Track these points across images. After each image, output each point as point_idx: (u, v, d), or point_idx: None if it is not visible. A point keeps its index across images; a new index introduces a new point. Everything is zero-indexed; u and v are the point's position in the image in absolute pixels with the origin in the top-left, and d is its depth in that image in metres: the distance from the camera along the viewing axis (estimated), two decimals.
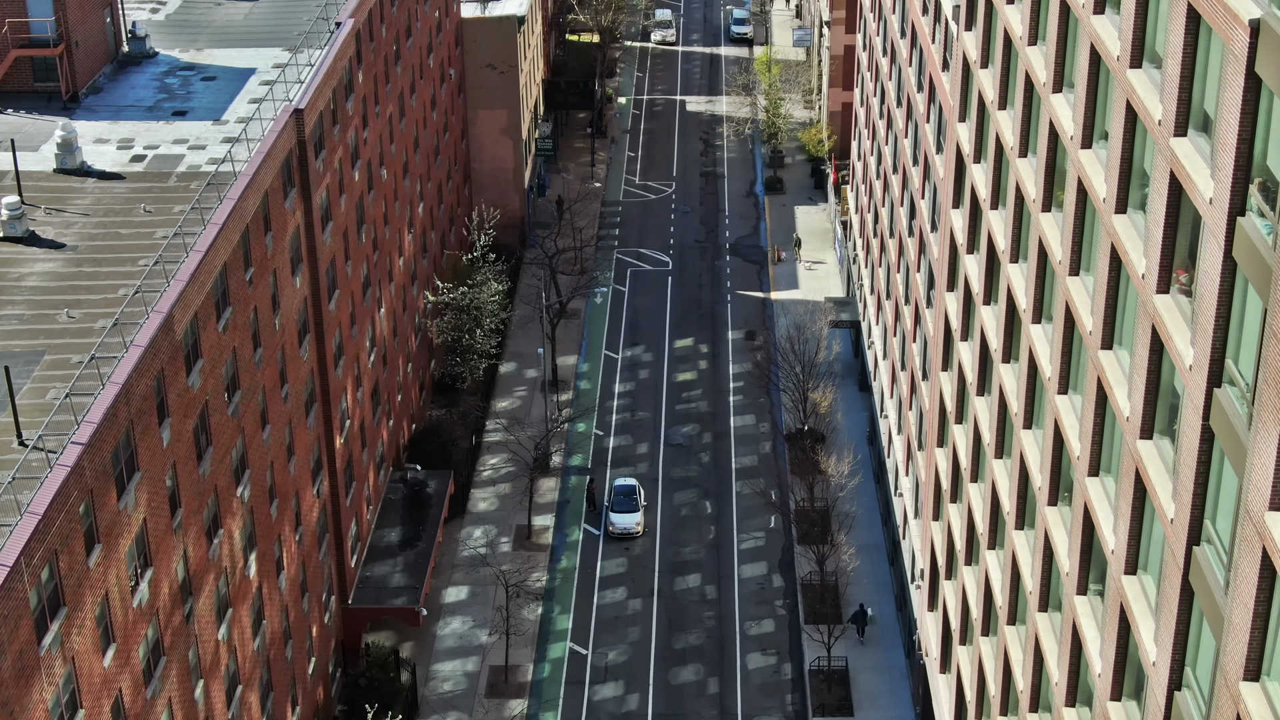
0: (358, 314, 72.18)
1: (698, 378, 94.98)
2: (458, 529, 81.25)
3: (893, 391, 77.97)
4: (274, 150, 59.22)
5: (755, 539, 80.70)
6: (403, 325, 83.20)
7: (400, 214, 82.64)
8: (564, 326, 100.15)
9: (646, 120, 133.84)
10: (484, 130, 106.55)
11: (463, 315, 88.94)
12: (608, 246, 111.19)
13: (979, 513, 53.95)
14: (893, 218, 78.47)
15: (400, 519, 76.46)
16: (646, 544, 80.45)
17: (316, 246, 64.68)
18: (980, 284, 53.49)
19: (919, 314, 69.16)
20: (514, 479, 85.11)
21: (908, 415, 71.55)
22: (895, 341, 76.53)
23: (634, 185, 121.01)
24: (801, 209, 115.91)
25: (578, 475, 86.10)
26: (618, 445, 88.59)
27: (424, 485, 78.84)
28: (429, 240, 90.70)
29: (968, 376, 55.92)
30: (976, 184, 54.15)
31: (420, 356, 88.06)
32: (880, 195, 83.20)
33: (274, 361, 59.48)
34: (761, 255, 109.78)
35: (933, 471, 64.24)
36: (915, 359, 69.38)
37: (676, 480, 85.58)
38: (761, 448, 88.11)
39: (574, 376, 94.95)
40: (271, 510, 59.43)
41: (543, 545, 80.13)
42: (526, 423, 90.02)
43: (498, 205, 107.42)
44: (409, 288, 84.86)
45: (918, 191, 69.08)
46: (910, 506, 70.91)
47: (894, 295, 76.92)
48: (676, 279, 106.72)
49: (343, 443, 69.22)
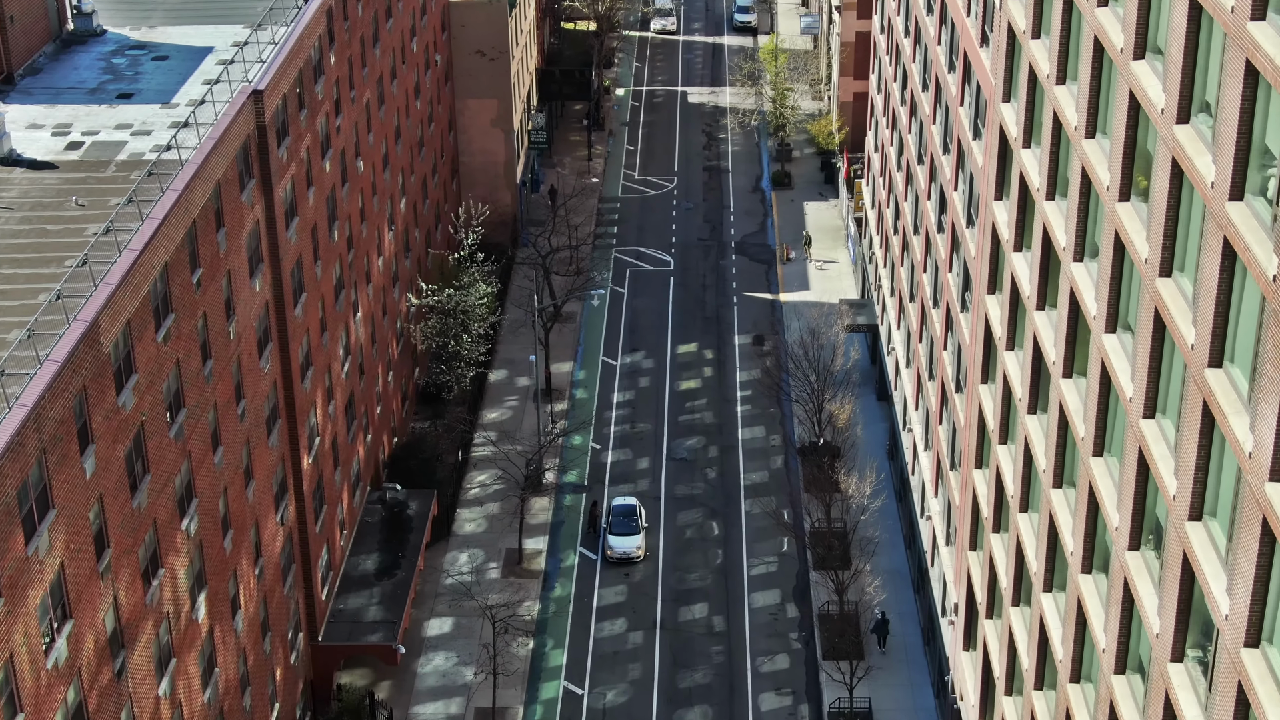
0: (329, 319, 65.31)
1: (702, 386, 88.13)
2: (442, 553, 74.33)
3: (918, 403, 71.12)
4: (228, 136, 52.37)
5: (767, 564, 73.83)
6: (382, 331, 76.35)
7: (380, 210, 75.78)
8: (558, 331, 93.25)
9: (646, 112, 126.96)
10: (473, 121, 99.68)
11: (449, 319, 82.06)
12: (605, 245, 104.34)
13: (1031, 549, 47.07)
14: (917, 212, 71.62)
15: (378, 544, 69.57)
16: (648, 570, 73.57)
17: (280, 245, 57.82)
18: (1033, 286, 46.62)
19: (950, 318, 62.32)
20: (503, 498, 78.21)
21: (937, 430, 64.70)
22: (921, 348, 69.67)
23: (633, 180, 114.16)
24: (811, 205, 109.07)
25: (573, 494, 79.25)
26: (616, 460, 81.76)
27: (404, 506, 71.96)
28: (412, 239, 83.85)
29: (1015, 391, 49.03)
30: (1028, 171, 47.28)
31: (402, 364, 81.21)
32: (902, 188, 76.35)
33: (228, 375, 52.60)
34: (769, 254, 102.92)
35: (969, 495, 57.38)
36: (946, 368, 62.53)
37: (680, 499, 78.72)
38: (772, 462, 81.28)
39: (569, 385, 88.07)
40: (225, 543, 52.54)
41: (534, 571, 73.24)
42: (517, 436, 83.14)
43: (488, 201, 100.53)
44: (390, 290, 78.01)
45: (949, 183, 62.24)
46: (940, 531, 64.06)
47: (919, 297, 70.07)
48: (679, 280, 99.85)
49: (311, 462, 62.34)
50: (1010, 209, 50.03)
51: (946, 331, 63.01)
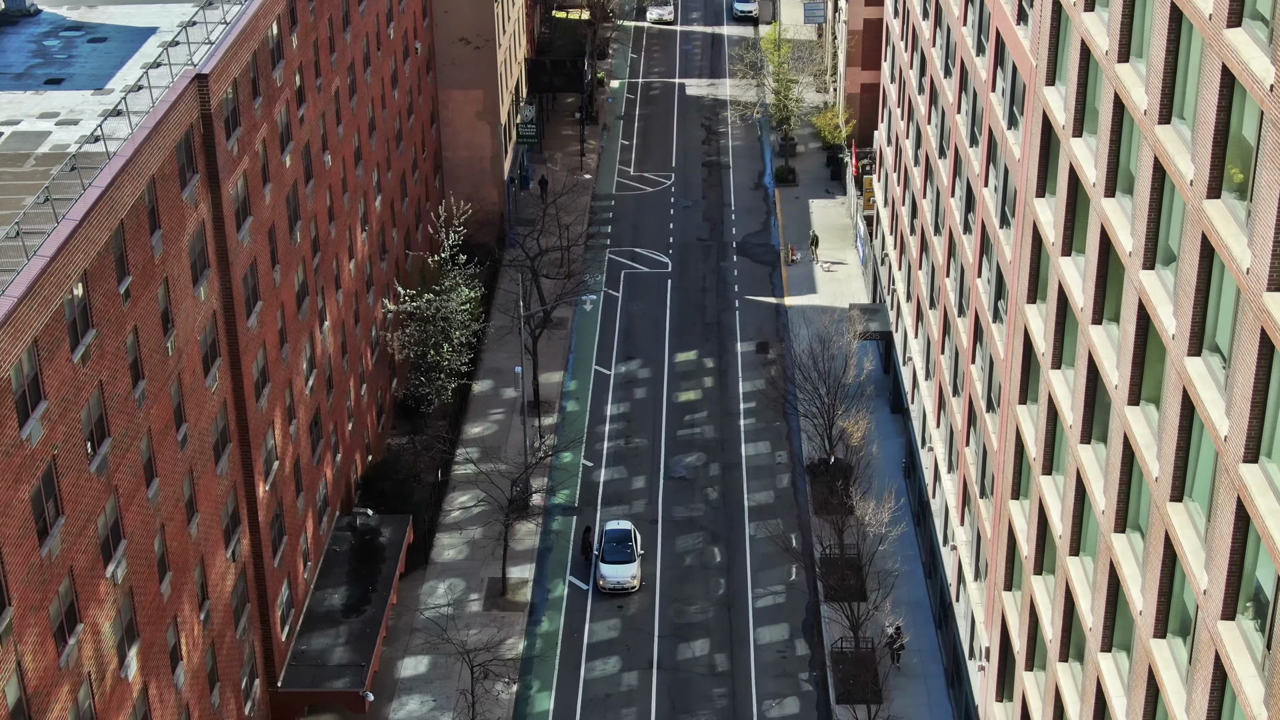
0: (290, 330, 58.99)
1: (702, 398, 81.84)
2: (418, 584, 68.00)
3: (940, 419, 64.83)
4: (165, 125, 46.06)
5: (774, 595, 67.53)
6: (355, 340, 70.04)
7: (351, 209, 69.46)
8: (547, 338, 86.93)
9: (642, 105, 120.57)
10: (457, 113, 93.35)
11: (428, 327, 75.75)
12: (599, 246, 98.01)
13: (1086, 600, 40.79)
14: (938, 211, 65.32)
15: (346, 576, 63.28)
16: (644, 601, 67.27)
17: (229, 248, 51.49)
18: (1087, 296, 40.33)
19: (980, 328, 56.05)
20: (487, 522, 71.89)
21: (963, 452, 58.42)
22: (944, 360, 63.40)
23: (628, 177, 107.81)
24: (817, 203, 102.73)
25: (562, 516, 72.96)
26: (610, 479, 75.45)
27: (376, 533, 65.67)
28: (389, 240, 77.53)
29: (1065, 416, 42.73)
30: (1080, 163, 40.98)
31: (378, 376, 74.90)
32: (920, 184, 70.04)
33: (165, 396, 46.28)
34: (773, 255, 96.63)
35: (1003, 528, 51.12)
36: (975, 384, 56.26)
37: (679, 522, 72.38)
38: (778, 482, 74.97)
39: (559, 397, 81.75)
40: (162, 587, 46.23)
41: (519, 604, 66.93)
42: (503, 453, 76.82)
43: (472, 199, 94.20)
44: (363, 296, 71.70)
45: (977, 178, 55.96)
46: (968, 564, 57.78)
47: (941, 304, 63.79)
48: (677, 282, 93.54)
49: (268, 489, 56.04)
50: (1056, 207, 43.71)
51: (975, 343, 56.72)
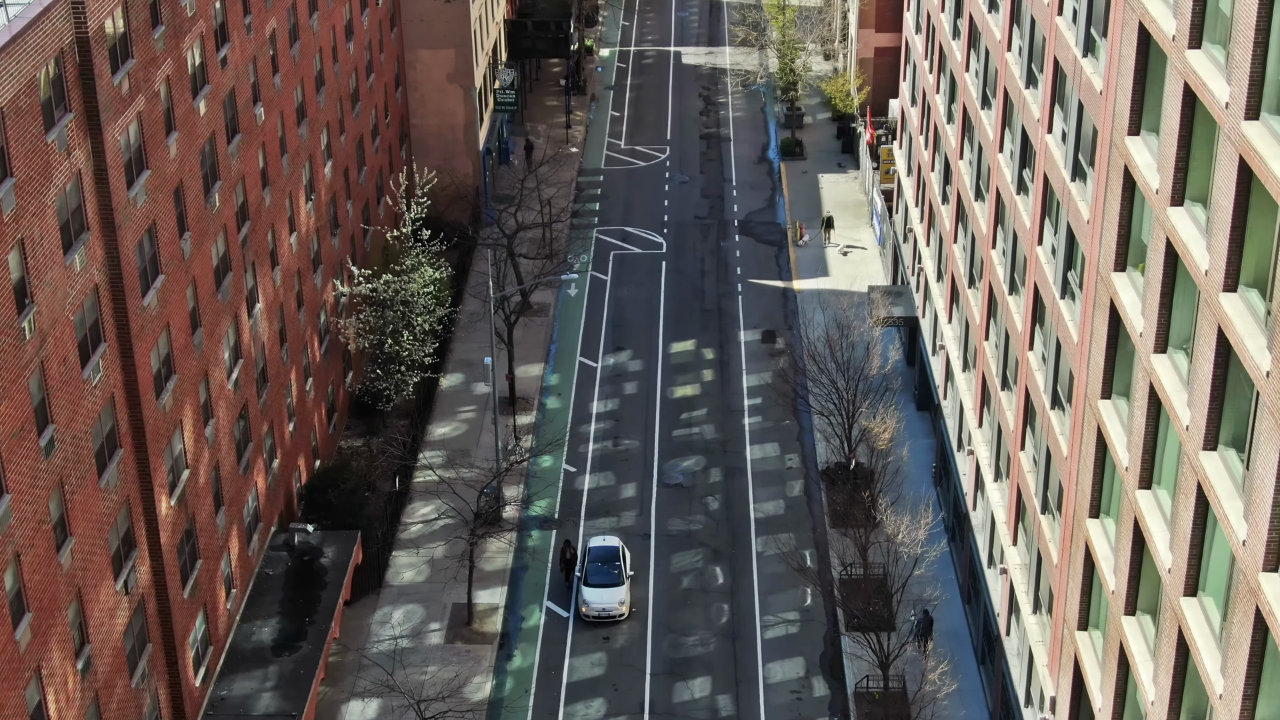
0: (206, 311, 49.09)
1: (701, 393, 71.92)
2: (369, 612, 58.10)
3: (982, 418, 54.97)
4: (21, 46, 36.15)
5: (786, 624, 57.67)
6: (296, 327, 60.14)
7: (292, 173, 59.55)
8: (525, 326, 77.01)
9: (634, 75, 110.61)
10: (426, 75, 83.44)
11: (386, 312, 65.84)
12: (585, 225, 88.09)
13: (1212, 658, 30.89)
14: (979, 172, 55.44)
15: (279, 605, 53.39)
16: (634, 631, 57.40)
17: (116, 208, 41.57)
18: (1216, 256, 30.43)
19: (1039, 307, 46.18)
20: (451, 538, 61.95)
21: (1016, 457, 48.54)
22: (988, 347, 53.53)
23: (619, 151, 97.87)
24: (828, 178, 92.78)
25: (540, 531, 63.04)
26: (595, 487, 65.55)
27: (317, 553, 55.80)
28: (342, 213, 67.59)
29: (1177, 414, 32.81)
30: (1203, 83, 31.05)
31: (327, 369, 64.97)
32: (955, 144, 60.16)
33: (20, 391, 36.38)
34: (779, 235, 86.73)
35: (1077, 553, 41.24)
36: (1032, 374, 46.39)
37: (675, 537, 62.50)
38: (789, 489, 65.09)
39: (538, 392, 71.82)
40: (16, 634, 36.32)
41: (488, 634, 57.05)
42: (472, 457, 66.89)
43: (444, 171, 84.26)
44: (308, 275, 61.80)
45: (1037, 124, 46.07)
46: (1024, 593, 47.91)
47: (984, 280, 53.92)
48: (672, 264, 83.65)
49: (175, 504, 46.11)
50: (1163, 143, 33.79)
51: (1033, 325, 46.81)
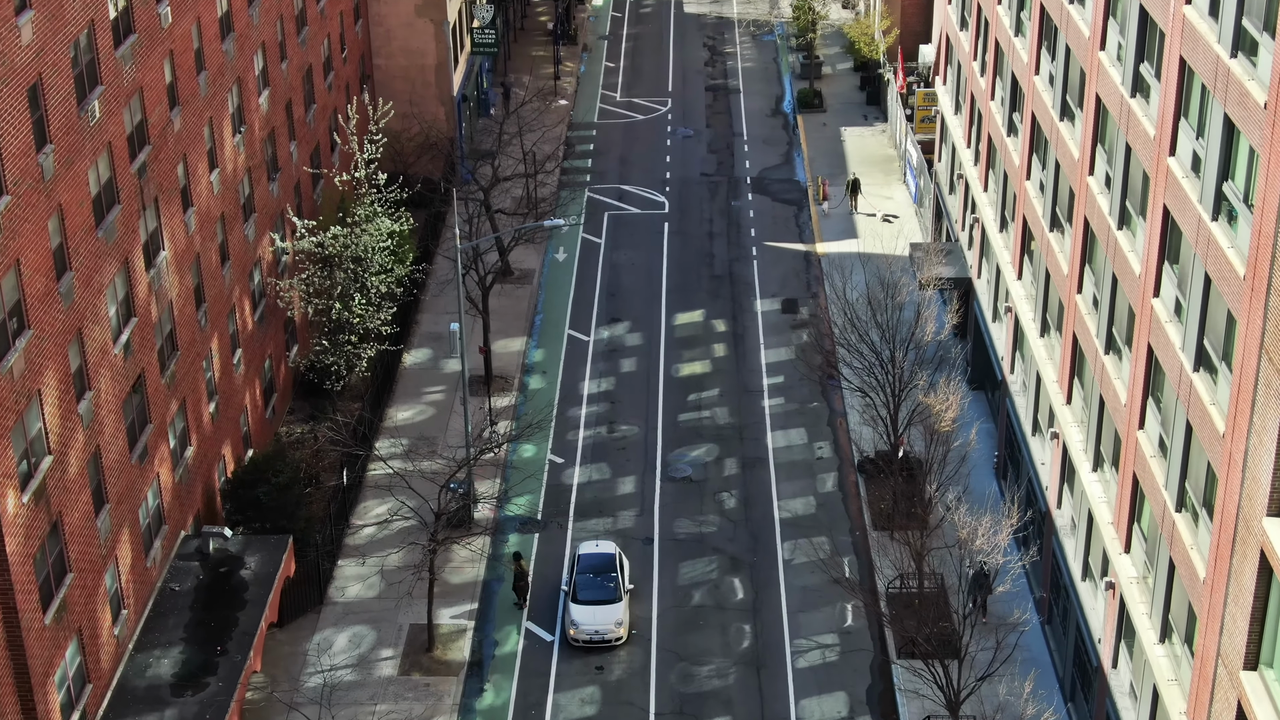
0: (79, 253, 37.91)
1: (712, 371, 60.80)
2: (305, 636, 46.88)
3: (1072, 393, 43.82)
4: None
5: (823, 650, 46.50)
6: (219, 285, 48.98)
7: (213, 96, 48.39)
8: (506, 294, 65.84)
9: (631, 24, 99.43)
10: (390, 9, 72.24)
11: (335, 272, 54.73)
12: (576, 183, 76.93)
13: None
14: (1068, 82, 44.31)
15: (185, 630, 42.23)
16: (634, 659, 46.23)
17: None
18: None
19: (1170, 240, 35.09)
20: (410, 544, 50.70)
21: (1133, 440, 37.41)
22: (1082, 302, 42.40)
23: (614, 104, 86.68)
24: (852, 131, 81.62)
25: (519, 534, 51.90)
26: (587, 481, 54.43)
27: (237, 563, 44.65)
28: (283, 153, 56.41)
29: None
30: None
31: (263, 339, 53.80)
32: (1030, 56, 49.03)
33: None
34: (799, 193, 75.58)
35: (1247, 564, 30.14)
36: (1161, 330, 35.31)
37: (684, 542, 51.36)
38: (820, 483, 53.95)
39: (519, 370, 60.64)
40: None
41: (453, 663, 45.89)
42: (440, 445, 55.73)
43: (414, 117, 73.03)
44: (236, 224, 50.65)
45: (1167, 4, 34.97)
46: (1145, 615, 36.75)
47: (1078, 216, 42.77)
48: (676, 226, 72.49)
49: (28, 502, 34.92)
50: None
51: (1159, 264, 35.67)
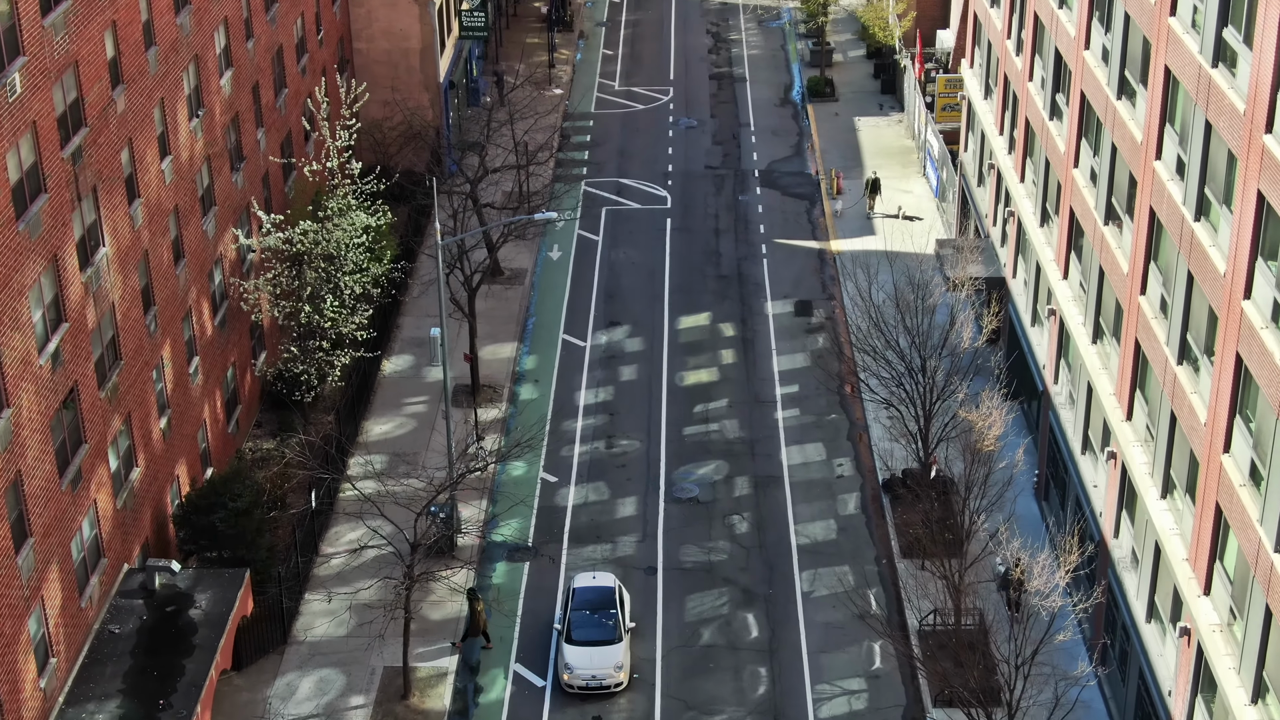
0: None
1: (720, 380, 55.63)
2: (266, 681, 41.66)
3: (1133, 407, 38.67)
4: None
5: (849, 695, 41.31)
6: (172, 285, 43.83)
7: (165, 75, 43.25)
8: (495, 296, 60.66)
9: (629, 10, 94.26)
10: None
11: (305, 271, 49.58)
12: (572, 176, 71.79)
13: None
14: (1130, 56, 39.18)
15: (125, 678, 37.03)
16: (637, 708, 41.03)
17: None
18: None
19: (1266, 229, 29.95)
20: (385, 575, 45.43)
21: (1214, 465, 32.25)
22: (1146, 304, 37.26)
23: (612, 93, 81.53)
24: (866, 121, 76.48)
25: (508, 563, 46.74)
26: (583, 502, 49.22)
27: (186, 600, 39.48)
28: (249, 142, 51.26)
29: None
30: None
31: (225, 346, 48.60)
32: (1079, 29, 43.90)
33: None
34: (810, 186, 70.43)
35: None
36: (1255, 338, 30.17)
37: (691, 572, 46.16)
38: (842, 505, 48.79)
39: (509, 379, 55.46)
40: None
41: (432, 712, 40.70)
42: (421, 463, 50.52)
43: (396, 104, 67.86)
44: (193, 218, 45.50)
45: None
46: (1232, 670, 31.57)
47: (1142, 205, 37.63)
48: (679, 222, 67.33)
49: None
50: None
51: (1251, 260, 30.50)
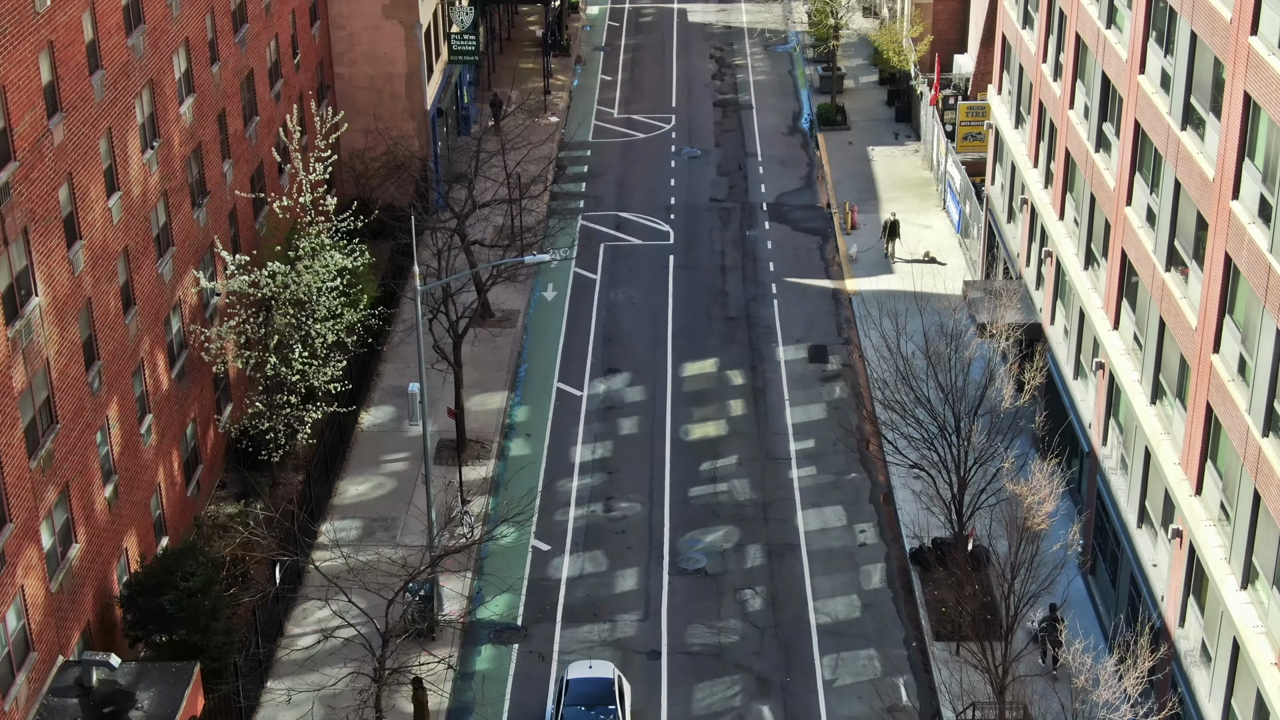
0: None
1: (729, 433, 50.91)
2: None
3: (1202, 478, 33.98)
4: None
5: None
6: (120, 335, 39.15)
7: (114, 101, 38.67)
8: (484, 341, 55.98)
9: (629, 34, 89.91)
10: (355, 8, 62.62)
11: (272, 317, 44.89)
12: (568, 210, 67.24)
13: None
14: (1197, 82, 34.63)
15: None
16: None
17: None
18: None
19: None
20: (355, 668, 40.57)
21: None
22: (1221, 364, 32.61)
23: (611, 120, 77.04)
24: (880, 150, 71.95)
25: (494, 646, 41.94)
26: (579, 574, 44.45)
27: (126, 700, 34.68)
28: (214, 175, 46.65)
29: None
30: None
31: (184, 402, 43.88)
32: (1134, 49, 39.36)
33: None
34: (823, 221, 65.90)
35: None
36: None
37: (699, 656, 41.35)
38: (865, 578, 44.03)
39: (499, 433, 50.71)
40: None
41: None
42: (401, 529, 45.75)
43: (380, 134, 63.26)
44: (146, 260, 40.88)
45: None
46: None
47: (1214, 250, 33.05)
48: (682, 259, 62.73)
49: None
50: None
51: None
